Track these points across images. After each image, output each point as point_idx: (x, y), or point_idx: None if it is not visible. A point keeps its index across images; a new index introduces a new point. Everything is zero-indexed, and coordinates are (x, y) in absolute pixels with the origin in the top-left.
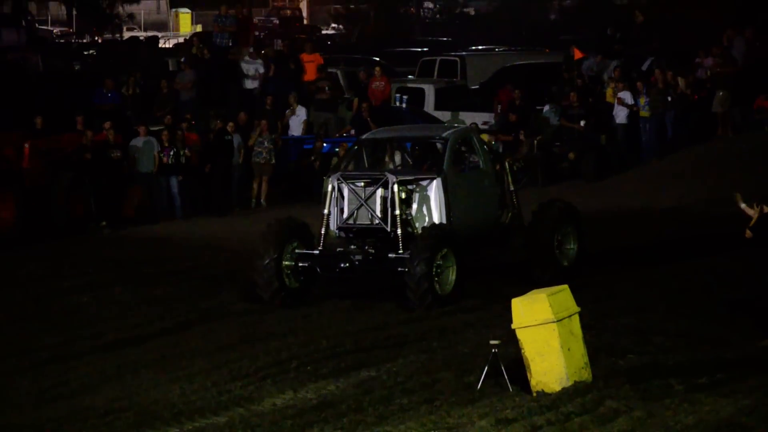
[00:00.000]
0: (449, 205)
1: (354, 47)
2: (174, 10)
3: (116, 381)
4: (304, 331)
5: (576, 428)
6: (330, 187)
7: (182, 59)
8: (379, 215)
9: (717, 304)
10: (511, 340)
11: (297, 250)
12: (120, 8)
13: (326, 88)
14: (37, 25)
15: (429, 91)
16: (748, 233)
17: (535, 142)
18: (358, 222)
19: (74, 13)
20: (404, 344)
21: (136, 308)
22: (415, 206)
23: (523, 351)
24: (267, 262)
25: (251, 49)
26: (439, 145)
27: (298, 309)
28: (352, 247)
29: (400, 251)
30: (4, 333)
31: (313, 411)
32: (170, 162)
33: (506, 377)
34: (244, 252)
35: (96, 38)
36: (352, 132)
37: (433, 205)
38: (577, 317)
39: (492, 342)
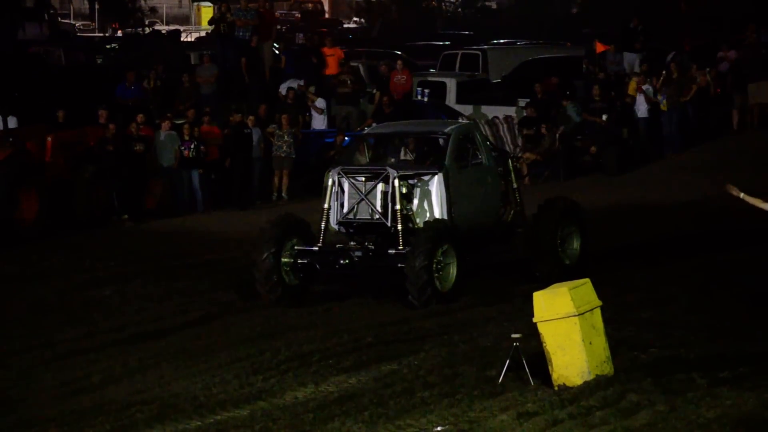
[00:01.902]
0: (450, 201)
1: (375, 41)
2: (196, 3)
3: (138, 374)
4: (325, 324)
5: (597, 422)
6: (330, 182)
7: (205, 52)
8: (380, 210)
9: (739, 297)
10: (532, 333)
11: (296, 247)
12: (142, 2)
13: (348, 81)
14: (59, 19)
15: (451, 84)
16: None
17: (557, 135)
18: (358, 217)
19: (96, 7)
20: (425, 338)
21: (158, 301)
22: (416, 201)
23: (544, 345)
24: (266, 258)
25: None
26: (441, 141)
27: (320, 304)
28: (352, 243)
29: (400, 247)
30: (27, 326)
31: (335, 404)
32: (191, 155)
33: (527, 371)
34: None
35: (118, 32)
36: (374, 126)
37: (434, 200)
38: (598, 311)
39: (513, 336)
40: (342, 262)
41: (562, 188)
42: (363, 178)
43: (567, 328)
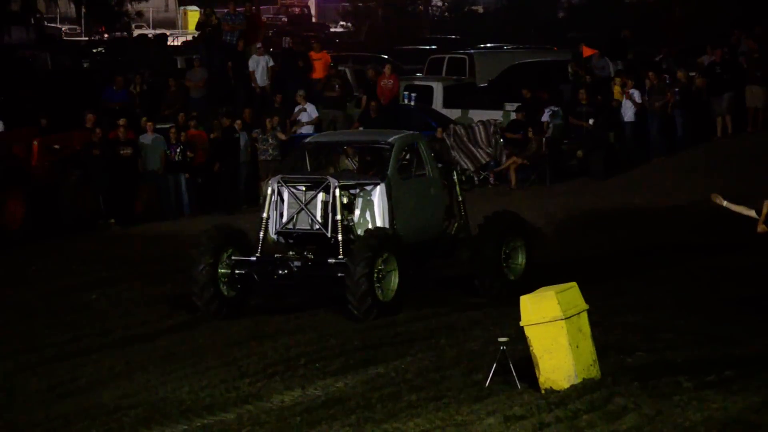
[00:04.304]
0: (392, 212)
1: (362, 45)
2: (182, 8)
3: (125, 378)
4: (312, 328)
5: (584, 425)
6: (270, 190)
7: (195, 56)
8: (320, 220)
9: (726, 301)
10: (519, 337)
11: (233, 257)
12: (128, 6)
13: (335, 86)
14: (45, 23)
15: (437, 88)
16: (763, 227)
17: (544, 140)
18: (297, 227)
19: (83, 11)
20: (412, 341)
21: (145, 305)
22: (357, 212)
23: (531, 348)
24: (202, 269)
25: (259, 45)
26: (384, 151)
27: (306, 308)
28: (291, 253)
29: (341, 257)
30: (13, 330)
31: (322, 408)
32: (177, 159)
33: (515, 375)
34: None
35: (104, 36)
36: (361, 130)
37: (376, 211)
38: (585, 314)
39: (500, 339)
40: (280, 272)
41: (549, 192)
42: (303, 188)
43: (554, 332)
